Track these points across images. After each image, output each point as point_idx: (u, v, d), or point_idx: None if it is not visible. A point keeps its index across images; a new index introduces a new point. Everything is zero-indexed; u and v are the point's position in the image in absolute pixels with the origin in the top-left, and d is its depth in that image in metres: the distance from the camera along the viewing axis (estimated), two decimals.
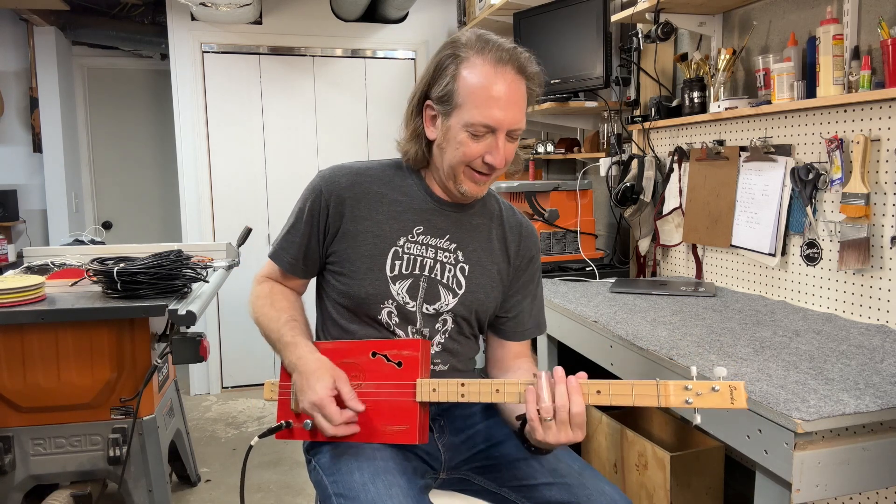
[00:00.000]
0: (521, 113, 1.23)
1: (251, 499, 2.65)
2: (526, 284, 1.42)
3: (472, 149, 1.21)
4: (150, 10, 4.06)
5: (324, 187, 1.32)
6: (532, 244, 1.43)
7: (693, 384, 1.01)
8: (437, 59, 1.25)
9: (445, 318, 1.32)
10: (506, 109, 1.19)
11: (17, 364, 1.93)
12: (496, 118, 1.19)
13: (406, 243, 1.30)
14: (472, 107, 1.19)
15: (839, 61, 1.72)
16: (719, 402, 1.00)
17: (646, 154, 2.55)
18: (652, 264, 2.64)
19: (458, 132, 1.21)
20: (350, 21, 3.98)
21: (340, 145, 4.04)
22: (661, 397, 1.03)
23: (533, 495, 1.24)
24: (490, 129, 1.20)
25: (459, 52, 1.21)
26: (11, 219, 4.10)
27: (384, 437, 1.21)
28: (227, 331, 4.00)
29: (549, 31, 2.81)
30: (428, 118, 1.26)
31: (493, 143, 1.21)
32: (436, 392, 1.18)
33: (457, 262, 1.33)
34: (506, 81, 1.19)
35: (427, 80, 1.26)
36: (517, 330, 1.42)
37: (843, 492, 1.15)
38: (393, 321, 1.29)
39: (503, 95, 1.18)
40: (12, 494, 2.00)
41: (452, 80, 1.20)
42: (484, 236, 1.36)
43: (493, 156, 1.21)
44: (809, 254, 1.90)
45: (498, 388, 1.14)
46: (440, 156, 1.27)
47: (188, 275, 2.07)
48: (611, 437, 2.17)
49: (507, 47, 1.21)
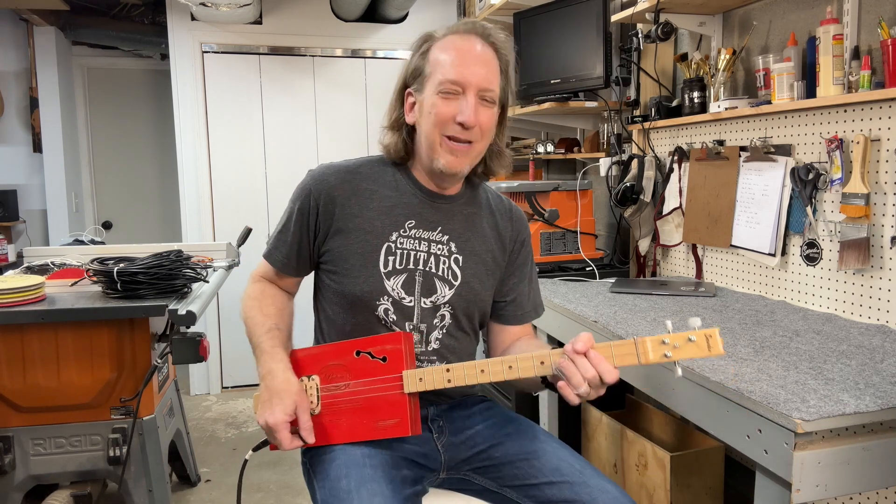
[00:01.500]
0: (492, 75, 1.26)
1: (251, 499, 2.65)
2: (521, 267, 1.44)
3: (444, 110, 1.23)
4: (150, 10, 4.06)
5: (313, 187, 1.32)
6: (523, 227, 1.46)
7: (670, 337, 1.04)
8: (412, 49, 1.33)
9: (443, 313, 1.33)
10: (473, 66, 1.23)
11: (17, 364, 1.93)
12: (464, 74, 1.22)
13: (398, 238, 1.31)
14: (440, 70, 1.24)
15: (839, 61, 1.72)
16: (696, 351, 1.03)
17: (646, 154, 2.55)
18: (652, 264, 2.64)
19: (430, 99, 1.25)
20: (350, 21, 3.98)
21: (340, 145, 4.04)
22: (640, 355, 1.06)
23: (535, 494, 1.24)
24: (459, 86, 1.23)
25: (432, 35, 1.30)
26: (11, 219, 4.11)
27: (377, 433, 1.21)
28: (227, 331, 4.00)
29: (549, 31, 2.81)
30: (408, 106, 1.31)
31: (464, 103, 1.23)
32: (422, 381, 1.19)
33: (450, 253, 1.33)
34: (472, 44, 1.26)
35: (405, 70, 1.32)
36: (516, 314, 1.43)
37: (843, 492, 1.15)
38: (390, 318, 1.30)
39: (470, 55, 1.24)
40: (12, 494, 2.00)
41: (423, 56, 1.28)
42: (475, 226, 1.37)
43: (463, 114, 1.22)
44: (809, 254, 1.90)
45: (511, 364, 1.14)
46: (419, 134, 1.30)
47: (188, 275, 2.07)
48: (611, 437, 2.17)
49: (473, 21, 1.29)
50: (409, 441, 1.29)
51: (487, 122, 1.26)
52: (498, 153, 1.37)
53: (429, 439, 1.33)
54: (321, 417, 1.26)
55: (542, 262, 2.62)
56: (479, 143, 1.27)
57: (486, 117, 1.25)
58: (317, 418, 1.26)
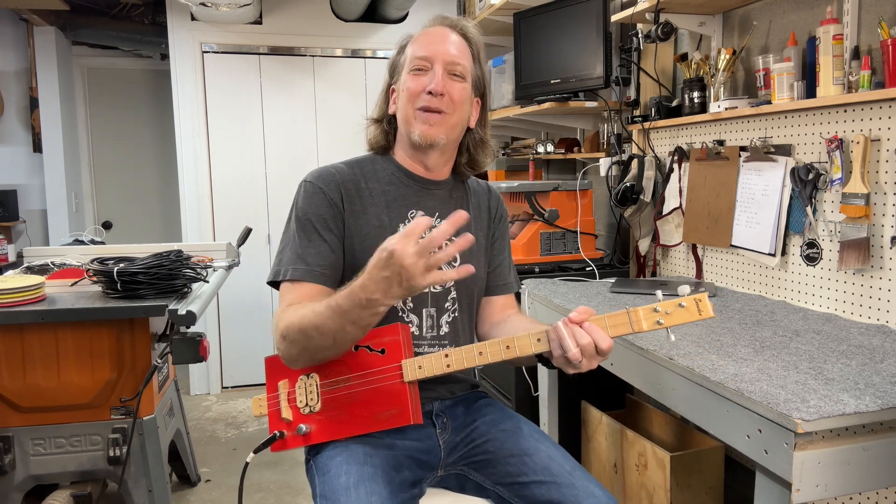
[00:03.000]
0: (460, 53, 1.33)
1: (251, 499, 2.65)
2: (500, 239, 1.50)
3: (413, 84, 1.30)
4: (150, 10, 4.06)
5: (323, 186, 1.32)
6: (500, 202, 1.54)
7: (661, 305, 1.06)
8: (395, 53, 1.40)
9: (453, 297, 1.38)
10: (441, 44, 1.31)
11: (17, 364, 1.93)
12: (431, 49, 1.30)
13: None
14: (411, 53, 1.33)
15: (839, 61, 1.72)
16: (688, 316, 1.06)
17: (646, 154, 2.55)
18: (652, 264, 2.64)
19: (404, 81, 1.32)
20: (350, 21, 3.98)
21: (340, 145, 4.04)
22: (633, 323, 1.08)
23: (524, 493, 1.25)
24: (427, 61, 1.30)
25: (410, 35, 1.38)
26: (11, 219, 4.10)
27: (380, 424, 1.22)
28: (227, 331, 4.00)
29: (549, 31, 2.81)
30: (392, 100, 1.38)
31: (433, 74, 1.29)
32: (422, 369, 1.20)
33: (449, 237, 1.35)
34: (442, 30, 1.34)
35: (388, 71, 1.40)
36: (499, 283, 1.48)
37: (843, 492, 1.15)
38: (407, 307, 1.33)
39: (438, 35, 1.33)
40: (12, 494, 2.00)
41: (401, 52, 1.37)
42: (464, 207, 1.43)
43: (433, 84, 1.28)
44: (809, 254, 1.90)
45: (508, 344, 1.16)
46: (399, 118, 1.36)
47: (188, 275, 2.07)
48: (611, 437, 2.17)
49: (444, 16, 1.38)
50: (411, 437, 1.30)
51: (458, 95, 1.31)
52: (481, 143, 1.42)
53: (431, 434, 1.34)
54: (322, 413, 1.26)
55: (542, 262, 2.62)
56: (451, 115, 1.31)
57: (457, 90, 1.31)
58: (317, 415, 1.27)
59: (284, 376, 1.31)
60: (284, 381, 1.31)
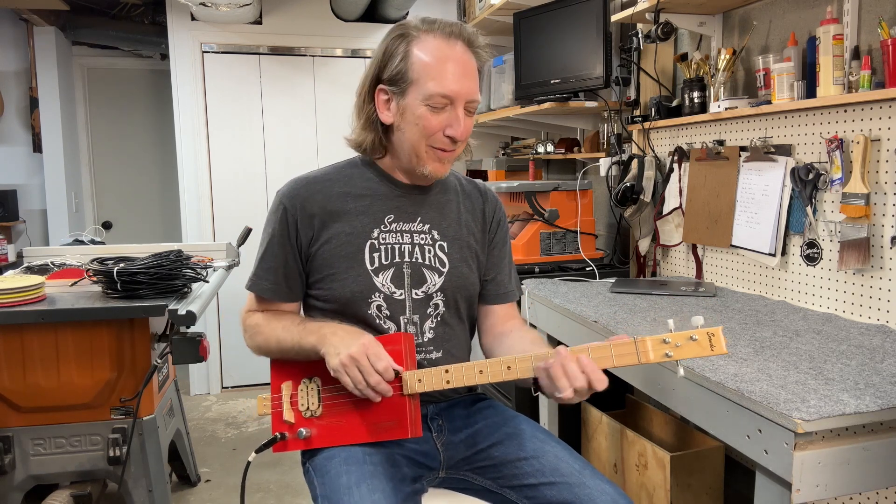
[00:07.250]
0: (476, 85, 1.27)
1: (251, 499, 2.65)
2: (499, 245, 1.45)
3: (432, 122, 1.23)
4: (150, 10, 4.06)
5: (287, 204, 1.32)
6: (498, 206, 1.47)
7: (671, 336, 1.01)
8: (384, 43, 1.28)
9: (437, 302, 1.34)
10: (462, 80, 1.23)
11: (17, 364, 1.93)
12: (454, 88, 1.21)
13: (380, 234, 1.32)
14: (428, 79, 1.21)
15: (839, 61, 1.72)
16: (699, 350, 1.00)
17: (646, 154, 2.55)
18: (652, 264, 2.64)
19: (416, 108, 1.23)
20: (350, 21, 3.98)
21: (340, 145, 3.98)
22: (640, 354, 1.04)
23: (534, 495, 1.23)
24: (448, 99, 1.22)
25: (408, 32, 1.25)
26: (11, 219, 4.10)
27: (378, 435, 1.22)
28: (227, 331, 4.00)
29: (549, 31, 2.81)
30: (381, 103, 1.28)
31: (454, 116, 1.23)
32: (421, 382, 1.19)
33: (434, 241, 1.34)
34: (458, 53, 1.23)
35: (377, 64, 1.28)
36: (499, 292, 1.44)
37: (843, 492, 1.15)
38: (383, 314, 1.30)
39: (458, 66, 1.23)
40: (12, 494, 2.00)
41: (404, 59, 1.23)
42: (453, 211, 1.39)
43: (454, 128, 1.23)
44: (809, 254, 1.90)
45: (509, 365, 1.14)
46: (400, 138, 1.28)
47: (188, 275, 2.07)
48: (611, 437, 2.17)
49: (453, 23, 1.26)
50: (409, 439, 1.29)
51: (470, 129, 1.28)
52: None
53: (428, 438, 1.33)
54: (323, 419, 1.26)
55: (542, 262, 2.62)
56: (460, 147, 1.30)
57: (470, 125, 1.28)
58: (318, 420, 1.27)
59: (288, 378, 1.31)
60: (288, 382, 1.30)
